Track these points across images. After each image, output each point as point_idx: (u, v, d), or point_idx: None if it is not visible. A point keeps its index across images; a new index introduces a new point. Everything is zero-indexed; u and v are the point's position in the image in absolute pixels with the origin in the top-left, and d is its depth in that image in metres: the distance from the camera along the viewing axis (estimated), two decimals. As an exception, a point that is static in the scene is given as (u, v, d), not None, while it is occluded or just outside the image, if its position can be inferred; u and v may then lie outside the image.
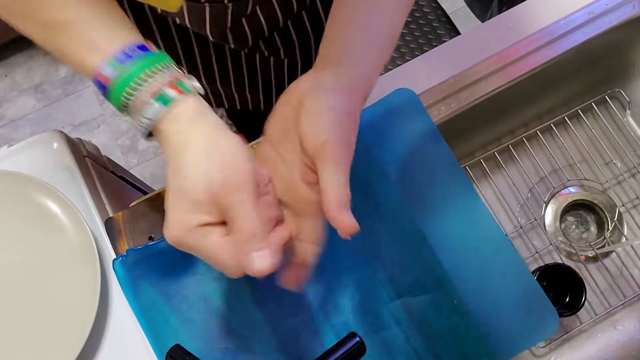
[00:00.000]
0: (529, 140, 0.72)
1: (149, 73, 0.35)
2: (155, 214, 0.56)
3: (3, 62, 1.65)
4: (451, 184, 0.55)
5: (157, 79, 0.36)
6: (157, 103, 0.35)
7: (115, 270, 0.52)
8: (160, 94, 0.35)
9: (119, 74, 0.35)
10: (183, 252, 0.52)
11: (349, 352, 0.44)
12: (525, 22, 0.64)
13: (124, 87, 0.35)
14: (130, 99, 0.36)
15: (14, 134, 1.58)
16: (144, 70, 0.35)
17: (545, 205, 0.72)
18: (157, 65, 0.36)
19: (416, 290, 0.52)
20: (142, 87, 0.35)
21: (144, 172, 1.54)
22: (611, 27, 0.63)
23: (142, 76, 0.35)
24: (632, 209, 0.72)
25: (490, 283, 0.52)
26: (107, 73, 0.36)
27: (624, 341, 0.64)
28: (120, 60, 0.35)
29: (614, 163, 0.73)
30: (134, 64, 0.35)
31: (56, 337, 0.54)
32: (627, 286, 0.68)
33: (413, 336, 0.51)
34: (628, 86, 0.74)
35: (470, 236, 0.54)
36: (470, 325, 0.51)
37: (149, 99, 0.35)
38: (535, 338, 0.51)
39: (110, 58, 0.35)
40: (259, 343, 0.50)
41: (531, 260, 0.70)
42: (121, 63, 0.35)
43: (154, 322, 0.51)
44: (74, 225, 0.56)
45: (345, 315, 0.51)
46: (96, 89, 0.45)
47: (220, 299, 0.52)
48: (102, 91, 0.37)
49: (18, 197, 0.58)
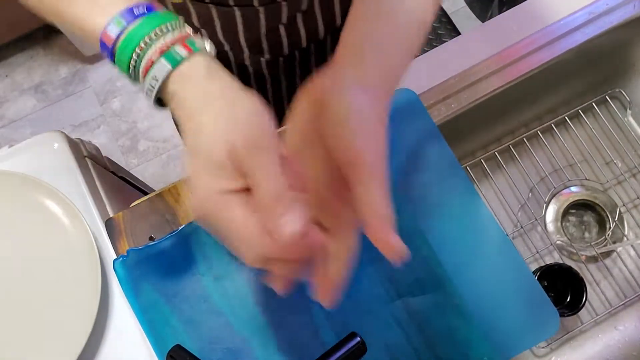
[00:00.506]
0: (530, 140, 0.72)
1: (157, 31, 0.33)
2: (155, 214, 0.56)
3: (3, 62, 1.65)
4: (452, 184, 0.55)
5: (166, 36, 0.33)
6: (165, 61, 0.33)
7: (116, 270, 0.52)
8: (169, 52, 0.33)
9: (125, 33, 0.33)
10: (183, 252, 0.53)
11: (350, 352, 0.44)
12: (525, 22, 0.64)
13: (131, 47, 0.33)
14: (139, 59, 0.33)
15: (14, 134, 1.58)
16: (153, 28, 0.33)
17: (545, 205, 0.72)
18: (167, 24, 0.34)
19: (417, 290, 0.52)
20: (150, 46, 0.33)
21: (145, 173, 1.54)
22: (611, 27, 0.63)
23: (151, 34, 0.33)
24: (632, 209, 0.72)
25: (491, 283, 0.52)
26: (113, 32, 0.33)
27: (625, 341, 0.64)
28: (126, 19, 0.33)
29: (615, 163, 0.73)
30: (141, 22, 0.33)
31: (57, 338, 0.54)
32: (627, 286, 0.68)
33: (414, 336, 0.51)
34: (629, 86, 0.74)
35: (471, 236, 0.54)
36: (470, 325, 0.51)
37: (158, 57, 0.33)
38: (535, 338, 0.51)
39: (116, 16, 0.33)
40: (259, 343, 0.50)
41: (532, 260, 0.70)
42: (128, 21, 0.33)
43: (155, 323, 0.51)
44: (75, 225, 0.56)
45: (345, 315, 0.51)
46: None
47: (221, 299, 0.52)
48: (109, 55, 0.35)
49: (18, 197, 0.58)
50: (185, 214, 0.56)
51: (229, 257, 0.52)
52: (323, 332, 0.51)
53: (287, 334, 0.51)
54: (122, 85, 1.62)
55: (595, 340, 0.64)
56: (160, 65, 0.33)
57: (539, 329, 0.51)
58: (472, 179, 0.71)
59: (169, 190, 0.57)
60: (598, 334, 0.65)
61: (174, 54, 0.33)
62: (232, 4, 0.54)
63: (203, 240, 0.53)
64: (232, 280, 0.52)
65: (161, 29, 0.33)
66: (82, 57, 1.63)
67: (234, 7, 0.55)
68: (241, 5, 0.55)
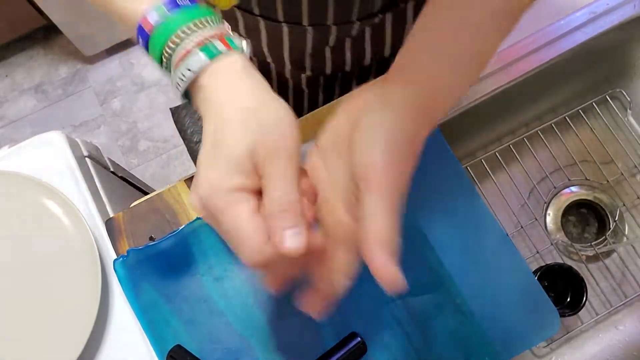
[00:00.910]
0: (530, 140, 0.72)
1: (197, 23, 0.33)
2: (156, 214, 0.56)
3: (3, 62, 1.65)
4: (452, 184, 0.55)
5: (205, 30, 0.33)
6: (202, 53, 0.33)
7: (116, 270, 0.52)
8: (206, 45, 0.33)
9: (165, 20, 0.33)
10: (183, 252, 0.53)
11: (350, 352, 0.44)
12: (526, 22, 0.64)
13: (168, 34, 0.33)
14: (175, 47, 0.33)
15: (14, 134, 1.58)
16: (193, 19, 0.33)
17: (546, 205, 0.72)
18: (207, 18, 0.34)
19: (417, 290, 0.52)
20: (188, 37, 0.33)
21: (145, 173, 1.54)
22: (612, 27, 0.63)
23: (190, 25, 0.33)
24: (633, 209, 0.72)
25: (491, 283, 0.52)
26: (153, 19, 0.34)
27: (626, 341, 0.64)
28: (168, 8, 0.34)
29: (615, 163, 0.73)
30: (182, 12, 0.34)
31: (57, 338, 0.53)
32: (628, 286, 0.68)
33: (414, 336, 0.51)
34: (629, 86, 0.74)
35: (471, 236, 0.54)
36: (471, 325, 0.51)
37: (194, 49, 0.33)
38: (536, 338, 0.51)
39: (159, 4, 0.34)
40: (259, 343, 0.50)
41: (532, 260, 0.70)
42: (169, 10, 0.34)
43: (155, 323, 0.51)
44: (75, 225, 0.56)
45: (345, 315, 0.51)
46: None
47: (221, 300, 0.52)
48: (143, 41, 0.35)
49: (18, 197, 0.58)
50: (186, 214, 0.56)
51: (229, 258, 0.52)
52: (323, 332, 0.50)
53: (287, 334, 0.51)
54: (122, 85, 1.62)
55: (595, 340, 0.64)
56: (197, 57, 0.33)
57: (539, 329, 0.51)
58: (472, 179, 0.71)
59: (169, 190, 0.57)
60: (598, 334, 0.64)
61: (212, 47, 0.33)
62: (280, 20, 0.54)
63: (203, 240, 0.53)
64: (232, 281, 0.52)
65: (201, 22, 0.34)
66: (82, 57, 1.63)
67: (282, 23, 0.54)
68: (290, 22, 0.54)
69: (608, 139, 0.73)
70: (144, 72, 1.63)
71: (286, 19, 0.54)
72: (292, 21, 0.54)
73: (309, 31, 0.55)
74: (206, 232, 0.52)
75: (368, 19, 0.55)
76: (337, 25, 0.54)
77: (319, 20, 0.53)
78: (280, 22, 0.54)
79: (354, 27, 0.56)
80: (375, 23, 0.56)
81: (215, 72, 0.34)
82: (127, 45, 1.63)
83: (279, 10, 0.52)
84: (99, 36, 1.52)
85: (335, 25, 0.54)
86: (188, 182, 0.57)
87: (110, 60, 1.64)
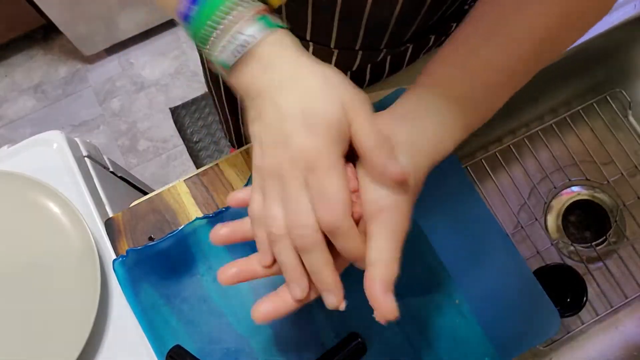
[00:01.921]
0: (530, 140, 0.72)
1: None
2: (155, 214, 0.56)
3: (3, 62, 1.65)
4: (452, 184, 0.55)
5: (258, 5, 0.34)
6: (262, 22, 0.33)
7: (116, 270, 0.52)
8: (265, 16, 0.34)
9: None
10: (183, 252, 0.52)
11: (350, 352, 0.44)
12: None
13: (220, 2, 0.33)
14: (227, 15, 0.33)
15: (14, 134, 1.58)
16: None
17: (546, 204, 0.72)
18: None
19: (417, 290, 0.52)
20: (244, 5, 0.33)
21: (144, 173, 1.53)
22: (612, 27, 0.63)
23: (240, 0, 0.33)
24: (633, 209, 0.72)
25: (492, 283, 0.52)
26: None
27: (626, 341, 0.64)
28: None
29: (615, 163, 0.73)
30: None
31: (56, 338, 0.53)
32: (628, 286, 0.68)
33: (414, 336, 0.51)
34: (629, 86, 0.74)
35: (472, 236, 0.54)
36: (471, 325, 0.51)
37: (252, 17, 0.33)
38: (536, 338, 0.51)
39: None
40: (259, 343, 0.50)
41: (532, 260, 0.70)
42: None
43: (154, 323, 0.51)
44: (74, 225, 0.56)
45: (345, 315, 0.50)
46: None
47: (221, 300, 0.51)
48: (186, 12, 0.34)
49: (18, 197, 0.57)
50: (185, 214, 0.56)
51: (229, 258, 0.52)
52: (323, 332, 0.50)
53: (287, 334, 0.51)
54: (122, 85, 1.62)
55: (595, 340, 0.64)
56: (257, 25, 0.33)
57: (540, 329, 0.51)
58: (472, 179, 0.71)
59: (168, 191, 0.57)
60: (599, 334, 0.64)
61: (271, 19, 0.34)
62: (308, 39, 0.54)
63: (203, 241, 0.53)
64: (232, 281, 0.52)
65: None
66: (81, 57, 1.63)
67: (309, 41, 0.54)
68: (319, 43, 0.54)
69: (608, 139, 0.73)
70: (143, 72, 1.63)
71: (313, 39, 0.54)
72: (321, 43, 0.54)
73: (335, 54, 0.56)
74: (206, 232, 0.52)
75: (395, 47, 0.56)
76: (363, 50, 0.55)
77: (346, 45, 0.54)
78: (308, 40, 0.54)
79: (379, 54, 0.57)
80: (400, 50, 0.57)
81: (279, 41, 0.34)
82: (126, 45, 1.63)
83: (307, 30, 0.53)
84: (98, 36, 1.52)
85: (362, 50, 0.55)
86: (187, 182, 0.57)
87: (109, 60, 1.64)
